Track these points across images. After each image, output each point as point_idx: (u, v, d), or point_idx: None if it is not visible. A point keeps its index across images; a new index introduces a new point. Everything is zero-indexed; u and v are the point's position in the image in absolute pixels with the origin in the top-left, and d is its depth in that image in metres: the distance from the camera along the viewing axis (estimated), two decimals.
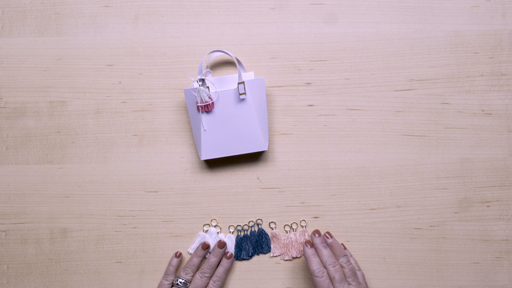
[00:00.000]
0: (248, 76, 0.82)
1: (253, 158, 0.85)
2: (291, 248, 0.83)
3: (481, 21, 0.85)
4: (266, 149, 0.81)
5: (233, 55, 0.81)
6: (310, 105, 0.85)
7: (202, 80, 0.79)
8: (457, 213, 0.84)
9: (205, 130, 0.80)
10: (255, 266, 0.84)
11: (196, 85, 0.79)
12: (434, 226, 0.84)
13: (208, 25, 0.86)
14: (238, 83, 0.79)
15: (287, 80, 0.85)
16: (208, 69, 0.80)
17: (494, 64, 0.85)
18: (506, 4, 0.85)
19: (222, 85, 0.81)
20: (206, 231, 0.84)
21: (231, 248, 0.84)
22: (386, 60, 0.85)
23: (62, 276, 0.84)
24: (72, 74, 0.86)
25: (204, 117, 0.79)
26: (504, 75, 0.85)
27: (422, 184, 0.84)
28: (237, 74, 0.81)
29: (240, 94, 0.79)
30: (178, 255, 0.82)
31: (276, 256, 0.84)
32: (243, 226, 0.84)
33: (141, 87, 0.86)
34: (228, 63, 0.85)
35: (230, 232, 0.84)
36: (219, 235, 0.84)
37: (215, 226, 0.84)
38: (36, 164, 0.85)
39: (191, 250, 0.83)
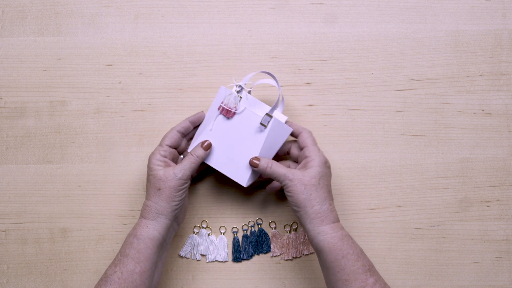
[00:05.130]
0: (279, 116, 0.79)
1: None
2: (291, 248, 0.83)
3: (481, 21, 0.85)
4: (245, 186, 0.78)
5: (281, 89, 0.78)
6: (310, 105, 0.85)
7: (241, 88, 0.78)
8: (457, 213, 0.84)
9: (210, 130, 0.79)
10: (255, 266, 0.84)
11: (234, 88, 0.78)
12: (434, 226, 0.84)
13: (208, 25, 0.86)
14: (266, 114, 0.77)
15: (287, 80, 0.85)
16: (254, 84, 0.79)
17: (494, 64, 0.85)
18: (506, 4, 0.85)
19: (253, 106, 0.78)
20: (197, 233, 0.84)
21: (224, 249, 0.83)
22: (386, 60, 0.85)
23: (62, 276, 0.84)
24: (72, 74, 0.86)
25: (219, 119, 0.78)
26: (504, 75, 0.85)
27: (422, 184, 0.84)
28: (272, 107, 0.78)
29: (260, 124, 0.77)
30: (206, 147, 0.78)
31: (276, 256, 0.84)
32: (243, 226, 0.84)
33: (141, 87, 0.86)
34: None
35: (221, 233, 0.84)
36: (210, 236, 0.84)
37: (205, 228, 0.84)
38: (36, 164, 0.85)
39: (183, 253, 0.83)
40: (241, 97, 0.77)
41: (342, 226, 0.74)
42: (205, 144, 0.77)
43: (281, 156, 0.82)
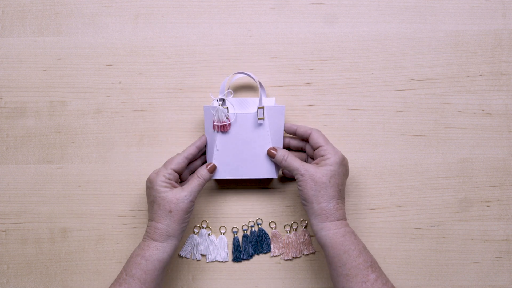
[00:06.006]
0: (268, 101, 0.81)
1: None
2: (291, 248, 0.83)
3: (481, 21, 0.85)
4: (276, 177, 0.81)
5: (256, 78, 0.79)
6: (310, 105, 0.85)
7: (223, 100, 0.78)
8: (457, 213, 0.84)
9: (217, 150, 0.79)
10: (255, 266, 0.84)
11: (216, 104, 0.79)
12: (434, 226, 0.84)
13: (208, 25, 0.86)
14: (258, 108, 0.77)
15: (287, 80, 0.85)
16: (230, 90, 0.80)
17: (494, 64, 0.85)
18: (506, 4, 0.85)
19: (242, 107, 0.79)
20: (197, 233, 0.84)
21: (224, 249, 0.83)
22: (386, 60, 0.85)
23: (62, 276, 0.84)
24: (72, 74, 0.86)
25: (219, 137, 0.79)
26: (504, 75, 0.85)
27: (422, 184, 0.84)
28: (258, 98, 0.80)
29: (258, 119, 0.78)
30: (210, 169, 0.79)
31: (276, 256, 0.84)
32: (243, 226, 0.84)
33: (141, 87, 0.86)
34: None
35: (221, 233, 0.84)
36: (210, 236, 0.84)
37: (205, 228, 0.84)
38: (36, 164, 0.85)
39: (183, 253, 0.83)
40: (227, 107, 0.77)
41: (347, 223, 0.74)
42: (209, 166, 0.78)
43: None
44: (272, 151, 0.78)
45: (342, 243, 0.72)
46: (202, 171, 0.78)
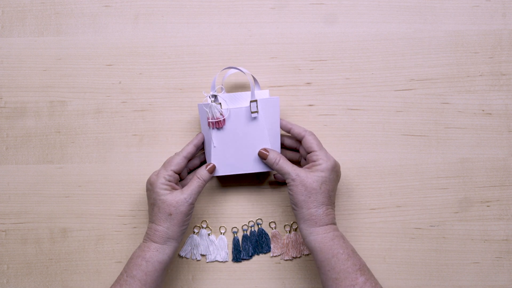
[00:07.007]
0: (262, 94, 0.81)
1: None
2: (291, 248, 0.83)
3: (481, 21, 0.85)
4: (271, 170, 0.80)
5: (247, 72, 0.79)
6: (310, 105, 0.85)
7: (215, 96, 0.78)
8: (457, 213, 0.84)
9: (214, 147, 0.79)
10: (255, 266, 0.84)
11: (209, 100, 0.78)
12: (434, 226, 0.84)
13: (208, 25, 0.86)
14: (251, 101, 0.77)
15: (287, 80, 0.85)
16: (222, 85, 0.80)
17: (494, 64, 0.85)
18: (506, 4, 0.85)
19: (235, 102, 0.79)
20: (197, 233, 0.84)
21: (224, 249, 0.83)
22: (386, 60, 0.85)
23: (62, 276, 0.84)
24: (72, 74, 0.86)
25: (215, 134, 0.79)
26: (504, 75, 0.85)
27: (422, 184, 0.84)
28: (250, 92, 0.80)
29: (252, 113, 0.78)
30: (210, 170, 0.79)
31: (276, 256, 0.84)
32: (242, 226, 0.84)
33: (141, 87, 0.86)
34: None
35: (221, 233, 0.84)
36: (210, 236, 0.84)
37: (205, 228, 0.84)
38: (36, 164, 0.85)
39: (183, 253, 0.83)
40: (220, 103, 0.77)
41: (336, 227, 0.74)
42: (209, 167, 0.78)
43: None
44: (264, 152, 0.78)
45: (331, 247, 0.72)
46: (202, 172, 0.78)
